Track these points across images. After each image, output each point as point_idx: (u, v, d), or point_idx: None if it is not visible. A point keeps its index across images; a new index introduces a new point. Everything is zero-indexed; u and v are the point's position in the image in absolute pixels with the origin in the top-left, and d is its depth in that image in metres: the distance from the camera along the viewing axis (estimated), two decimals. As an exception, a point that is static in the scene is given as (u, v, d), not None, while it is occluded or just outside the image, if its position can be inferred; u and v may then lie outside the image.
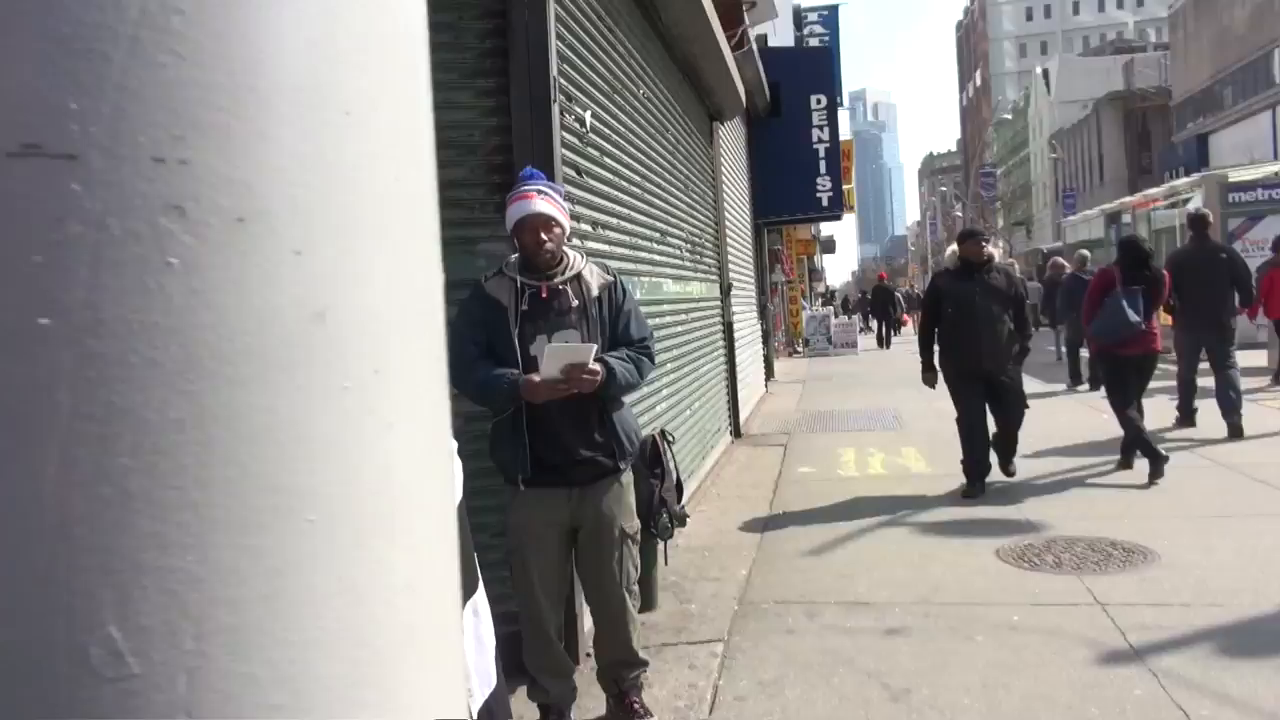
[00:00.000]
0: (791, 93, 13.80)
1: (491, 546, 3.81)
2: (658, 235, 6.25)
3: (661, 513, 4.29)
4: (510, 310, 3.17)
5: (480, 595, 1.52)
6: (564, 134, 4.24)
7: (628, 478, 3.39)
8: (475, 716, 1.42)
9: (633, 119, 5.73)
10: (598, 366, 3.11)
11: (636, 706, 3.47)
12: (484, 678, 1.46)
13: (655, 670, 3.96)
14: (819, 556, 5.47)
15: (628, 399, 3.52)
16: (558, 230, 3.19)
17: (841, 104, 18.14)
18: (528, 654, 3.39)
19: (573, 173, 4.40)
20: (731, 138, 10.98)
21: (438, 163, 2.79)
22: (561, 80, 4.25)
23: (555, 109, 4.02)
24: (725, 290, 9.34)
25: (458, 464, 1.53)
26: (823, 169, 14.04)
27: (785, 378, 15.90)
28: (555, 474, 3.21)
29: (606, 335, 3.24)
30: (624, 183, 5.40)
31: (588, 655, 4.10)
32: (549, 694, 3.39)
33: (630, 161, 5.59)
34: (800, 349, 22.44)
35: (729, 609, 4.64)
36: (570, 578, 3.51)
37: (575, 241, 3.50)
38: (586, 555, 3.37)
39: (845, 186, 18.19)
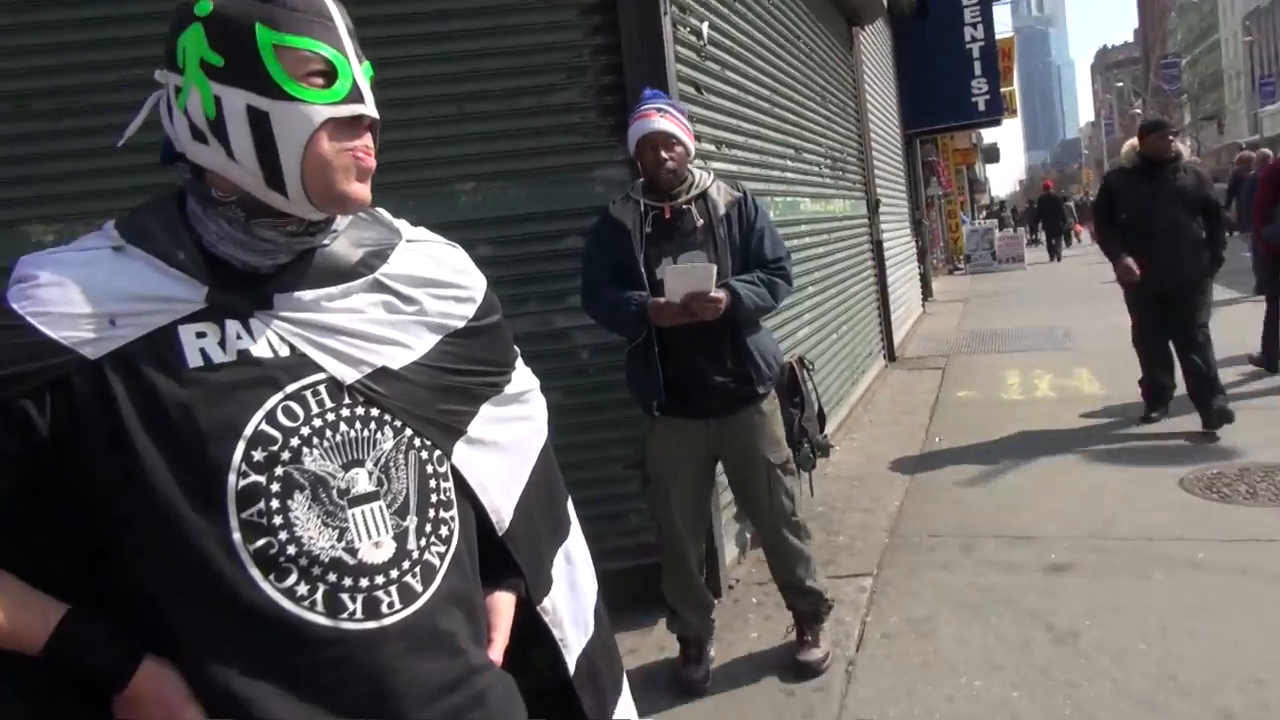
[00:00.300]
0: (939, -11, 12.82)
1: (626, 478, 3.72)
2: (792, 152, 5.90)
3: (803, 443, 4.10)
4: (634, 233, 3.08)
5: (574, 540, 1.39)
6: (679, 48, 3.98)
7: (770, 405, 3.22)
8: (574, 666, 1.30)
9: (757, 28, 5.37)
10: (721, 294, 2.94)
11: (806, 638, 3.34)
12: (580, 626, 1.35)
13: (783, 606, 3.79)
14: (978, 487, 5.12)
15: (768, 322, 3.34)
16: (679, 149, 3.07)
17: (999, -2, 16.77)
18: (667, 584, 3.32)
19: (691, 89, 4.14)
20: (874, 43, 10.30)
21: (545, 87, 2.61)
22: (675, -10, 3.98)
23: (667, 22, 3.76)
24: (873, 207, 8.84)
25: (541, 403, 1.37)
26: (978, 70, 13.05)
27: (944, 296, 15.14)
28: (690, 402, 3.11)
29: (737, 255, 3.09)
30: (750, 97, 5.08)
31: (730, 587, 3.98)
32: (688, 626, 3.30)
33: (756, 74, 5.25)
34: (961, 265, 21.33)
35: (879, 542, 4.41)
36: (709, 510, 3.41)
37: (699, 162, 3.33)
38: (735, 488, 3.30)
39: (1005, 89, 16.93)
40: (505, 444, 1.27)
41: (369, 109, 1.09)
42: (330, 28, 1.07)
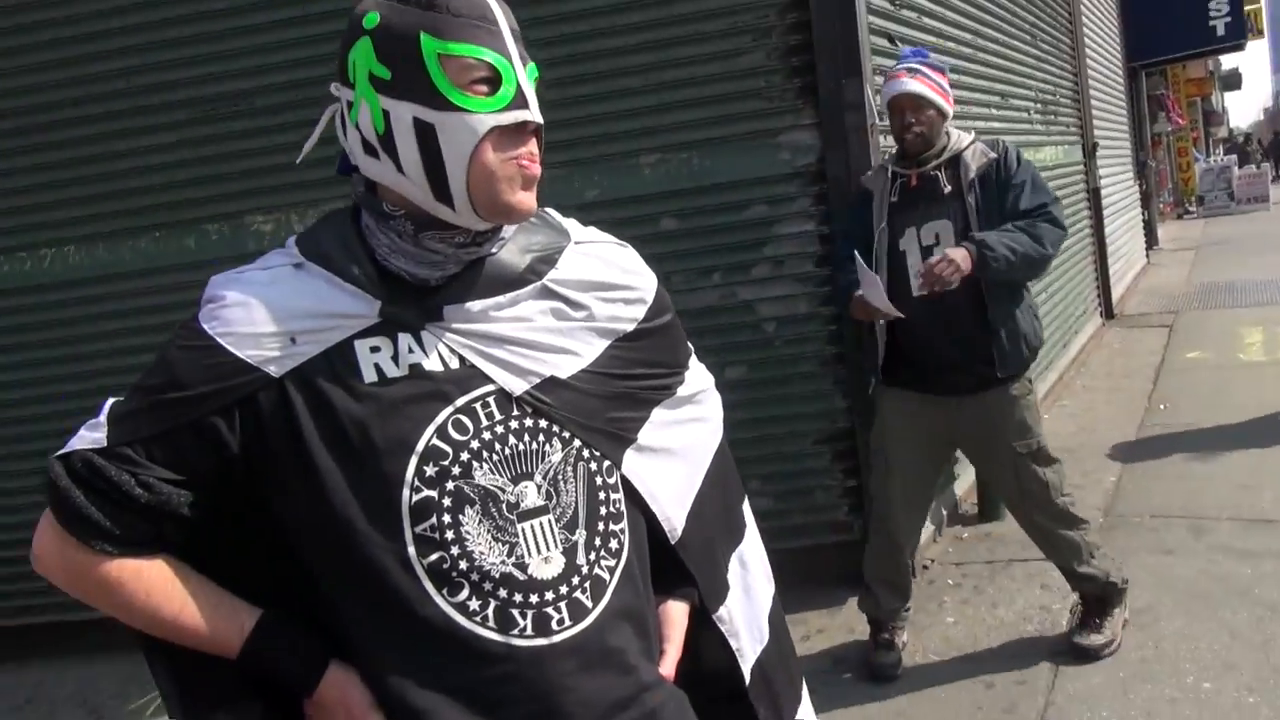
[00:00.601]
0: (1174, -97, 11.56)
1: (814, 454, 3.65)
2: (997, 99, 5.51)
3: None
4: (878, 202, 2.99)
5: (749, 543, 1.35)
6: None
7: (1021, 388, 3.00)
8: (749, 676, 1.28)
9: (960, -33, 5.01)
10: (959, 252, 2.74)
11: (1090, 620, 3.11)
12: (756, 634, 1.32)
13: (1002, 589, 3.62)
14: (1209, 461, 4.66)
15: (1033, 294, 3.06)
16: (930, 112, 2.93)
17: (1244, -95, 14.92)
18: (868, 558, 3.21)
19: (884, 42, 3.93)
20: (1094, -30, 9.44)
21: (728, 51, 2.53)
22: (866, -64, 3.76)
23: (859, -29, 3.56)
24: (1089, 151, 8.15)
25: (716, 401, 1.33)
26: (1218, -9, 11.73)
27: (1172, 245, 13.85)
28: (925, 378, 2.98)
29: (994, 219, 2.90)
30: (951, 44, 4.77)
31: (924, 568, 3.84)
32: (880, 607, 3.19)
33: (957, 18, 4.92)
34: (1193, 209, 19.43)
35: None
36: (933, 493, 3.27)
37: (957, 123, 3.07)
38: (979, 475, 3.18)
39: (1249, 6, 15.11)
40: (677, 449, 1.24)
41: (533, 114, 1.07)
42: (495, 32, 1.05)
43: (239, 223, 3.74)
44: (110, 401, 1.05)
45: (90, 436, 1.03)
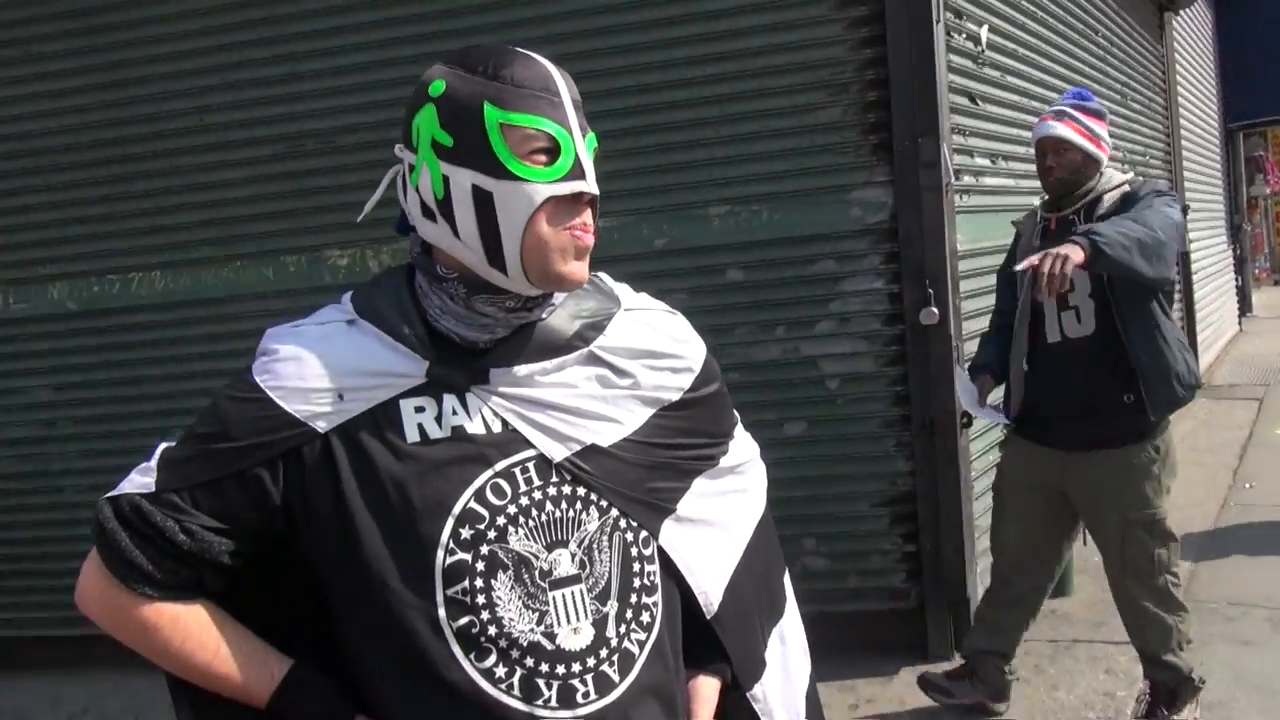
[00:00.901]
0: (1281, -38, 11.23)
1: (872, 516, 3.58)
2: (1082, 160, 5.38)
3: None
4: (1023, 246, 2.98)
5: (789, 619, 1.31)
6: (952, 57, 3.74)
7: (1145, 455, 2.83)
8: None
9: (1047, 26, 4.95)
10: (1068, 245, 2.52)
11: (1156, 713, 2.99)
12: (792, 713, 1.28)
13: (1065, 670, 3.48)
14: (1296, 547, 4.43)
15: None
16: (1071, 155, 2.86)
17: (1356, -34, 14.45)
18: (984, 600, 3.25)
19: (964, 101, 3.88)
20: (1191, 27, 9.23)
21: (804, 105, 2.52)
22: (950, -6, 3.73)
23: (939, 30, 3.54)
24: (1180, 212, 7.92)
25: (760, 472, 1.31)
26: (1322, 53, 11.32)
27: (1267, 313, 13.31)
28: (1045, 428, 2.92)
29: None
30: (1034, 103, 4.68)
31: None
32: (975, 644, 3.18)
33: (1043, 77, 4.84)
34: (1292, 274, 18.67)
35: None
36: (1056, 551, 3.10)
37: (1118, 166, 2.99)
38: (1090, 532, 3.03)
39: (1359, 70, 14.57)
40: (717, 520, 1.22)
41: (589, 186, 1.07)
42: (556, 103, 1.06)
43: (316, 256, 3.85)
44: (163, 446, 1.07)
45: (140, 480, 1.06)
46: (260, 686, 1.06)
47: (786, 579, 1.35)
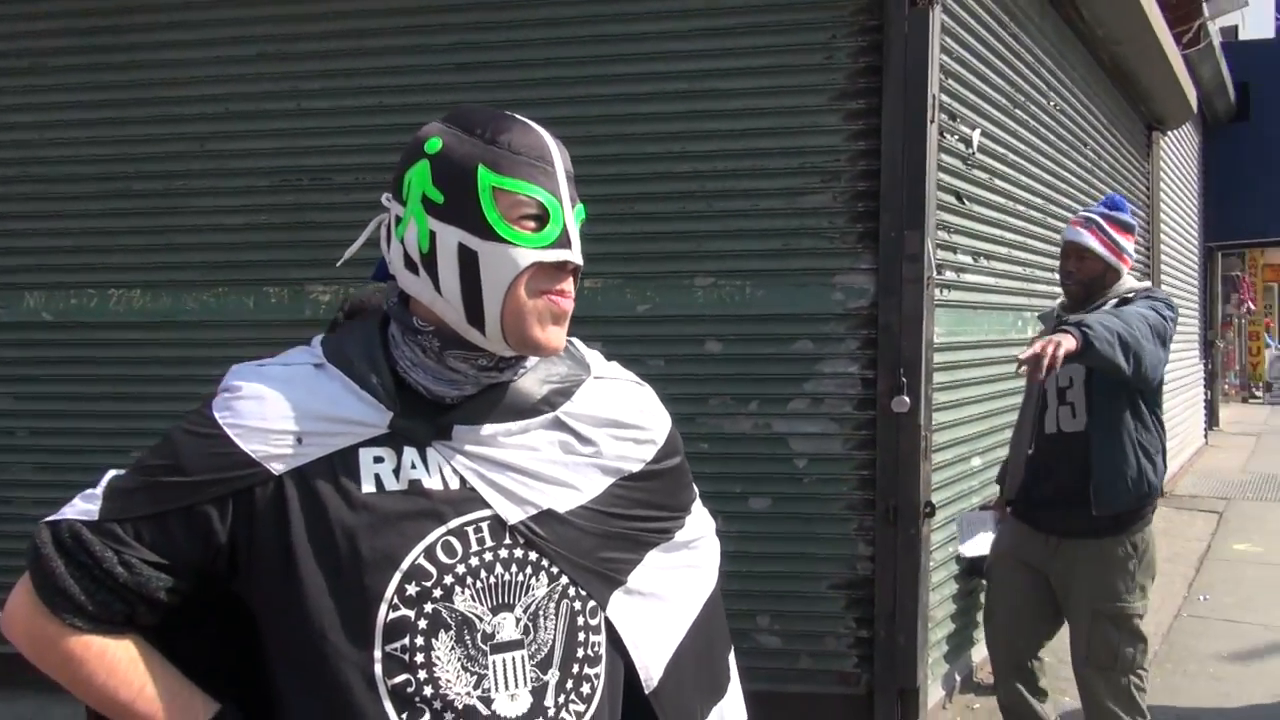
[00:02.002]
0: (1268, 92, 11.63)
1: (829, 598, 3.57)
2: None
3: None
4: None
5: (730, 699, 1.30)
6: (943, 157, 3.84)
7: (1122, 550, 2.93)
8: None
9: (1038, 135, 5.09)
10: (1061, 335, 2.61)
11: None
12: None
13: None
14: (1247, 665, 4.45)
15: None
16: (1092, 264, 3.00)
17: (1337, 103, 14.98)
18: (996, 686, 3.36)
19: (951, 199, 3.98)
20: (1177, 149, 9.51)
21: (795, 188, 2.57)
22: (945, 97, 3.85)
23: (933, 130, 3.64)
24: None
25: (713, 549, 1.31)
26: (1301, 181, 11.67)
27: (1233, 428, 13.51)
28: (1034, 511, 3.07)
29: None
30: (1020, 206, 4.81)
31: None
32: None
33: (1030, 183, 4.97)
34: (1260, 394, 19.00)
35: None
36: (1041, 630, 3.16)
37: (1136, 275, 3.10)
38: (1065, 617, 3.10)
39: (1335, 202, 15.00)
40: (666, 595, 1.21)
41: (574, 256, 1.09)
42: (550, 173, 1.08)
43: (299, 290, 3.86)
44: (111, 474, 1.06)
45: (83, 507, 1.04)
46: None
47: (731, 658, 1.34)
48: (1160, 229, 8.37)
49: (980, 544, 3.47)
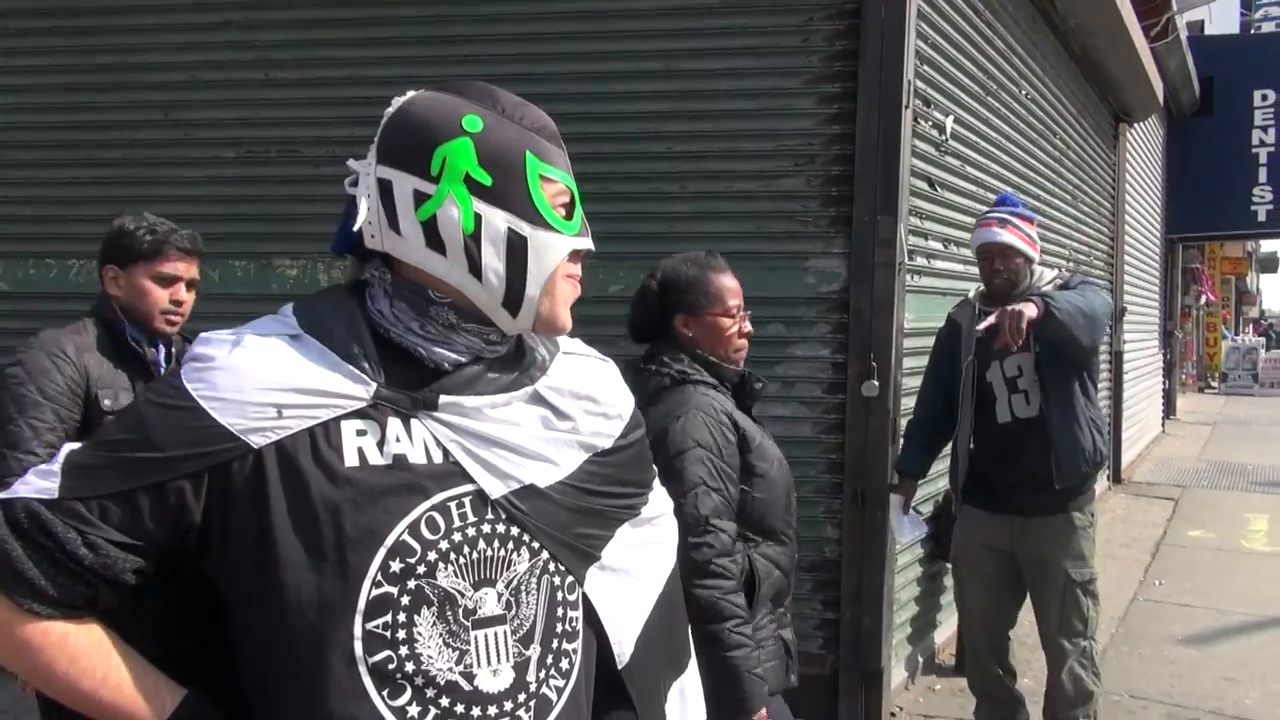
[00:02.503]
0: (1230, 87, 11.84)
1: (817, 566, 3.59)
2: (1029, 253, 5.56)
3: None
4: (965, 336, 3.21)
5: (690, 675, 1.30)
6: (917, 143, 3.85)
7: (1082, 519, 3.16)
8: None
9: (1009, 123, 5.12)
10: (1026, 303, 2.87)
11: None
12: None
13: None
14: (1198, 648, 4.56)
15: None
16: (1014, 260, 3.15)
17: (1298, 100, 15.25)
18: (968, 671, 3.46)
19: (923, 185, 3.99)
20: (1143, 141, 9.63)
21: (770, 171, 2.56)
22: (920, 83, 3.86)
23: (907, 115, 3.64)
24: (1117, 315, 8.20)
25: (673, 526, 1.33)
26: (1262, 177, 11.91)
27: (1190, 417, 13.79)
28: (992, 496, 3.18)
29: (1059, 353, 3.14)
30: (990, 194, 4.81)
31: (892, 715, 3.73)
32: (988, 715, 3.34)
33: (1000, 170, 5.01)
34: (1215, 384, 19.40)
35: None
36: (1012, 611, 3.34)
37: (1044, 264, 3.25)
38: (1032, 594, 3.24)
39: (1293, 197, 15.29)
40: (635, 571, 1.22)
41: (591, 242, 1.13)
42: (566, 159, 1.11)
43: (266, 264, 3.80)
44: (67, 448, 1.00)
45: (40, 485, 0.97)
46: (149, 717, 1.00)
47: (689, 634, 1.35)
48: (1125, 220, 8.49)
49: (912, 527, 3.56)
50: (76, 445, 1.01)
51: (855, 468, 3.57)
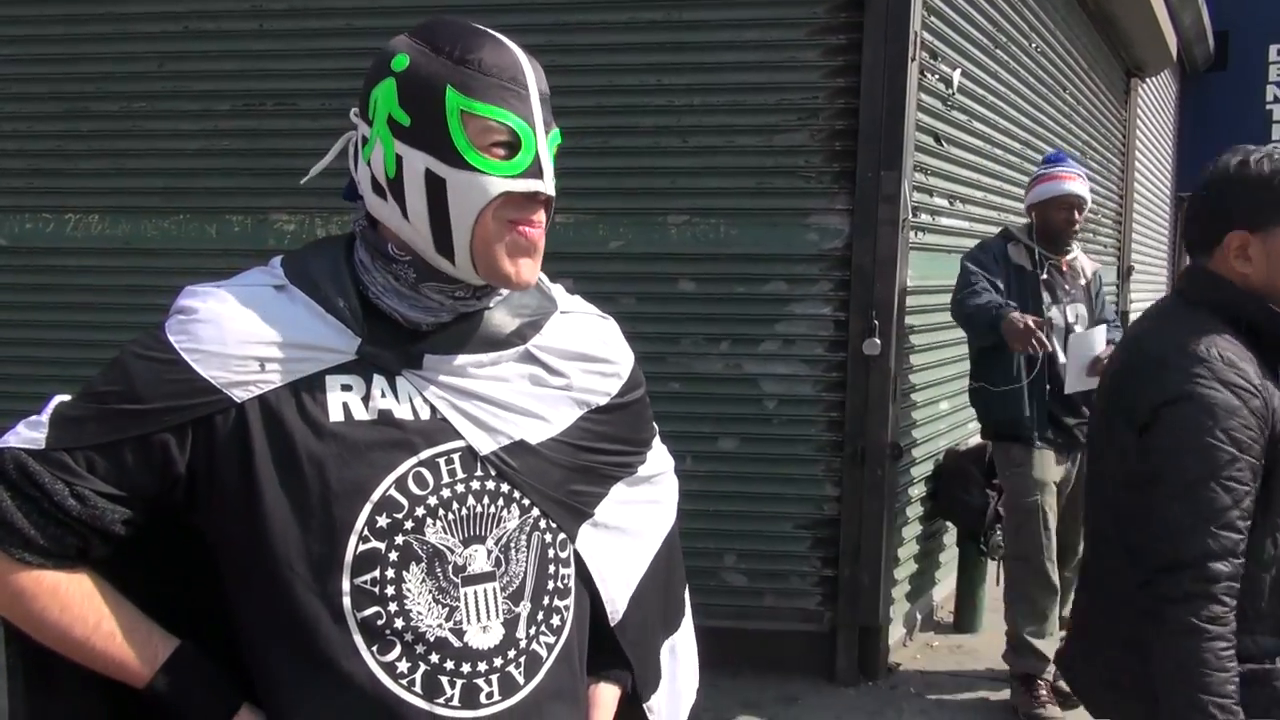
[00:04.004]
0: (1245, 41, 11.63)
1: (794, 537, 3.60)
2: (1036, 211, 5.49)
3: (995, 529, 3.85)
4: (1030, 280, 3.43)
5: (683, 634, 1.31)
6: (922, 96, 3.78)
7: None
8: None
9: (1018, 77, 5.03)
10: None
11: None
12: None
13: (965, 705, 3.54)
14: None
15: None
16: (1085, 213, 3.50)
17: (1314, 55, 15.01)
18: (1024, 617, 3.40)
19: (929, 140, 3.93)
20: (1154, 96, 9.48)
21: (772, 125, 2.52)
22: (927, 35, 3.78)
23: (913, 69, 3.58)
24: (1124, 274, 8.13)
25: (672, 485, 1.32)
26: (1276, 134, 11.73)
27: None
28: (1067, 435, 3.40)
29: (1095, 316, 3.56)
30: (997, 150, 4.77)
31: (890, 671, 3.75)
32: (1045, 658, 3.31)
33: (1008, 125, 4.92)
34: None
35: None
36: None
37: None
38: (1072, 519, 3.41)
39: (1306, 155, 15.10)
40: (631, 529, 1.21)
41: (546, 186, 1.05)
42: (523, 96, 1.03)
43: (263, 218, 3.77)
44: (56, 400, 1.00)
45: (28, 435, 0.98)
46: (140, 665, 1.00)
47: (686, 594, 1.35)
48: (1135, 176, 8.38)
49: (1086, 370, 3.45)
50: (65, 397, 1.01)
51: (856, 426, 3.56)
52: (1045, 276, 3.43)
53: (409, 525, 1.01)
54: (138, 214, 3.87)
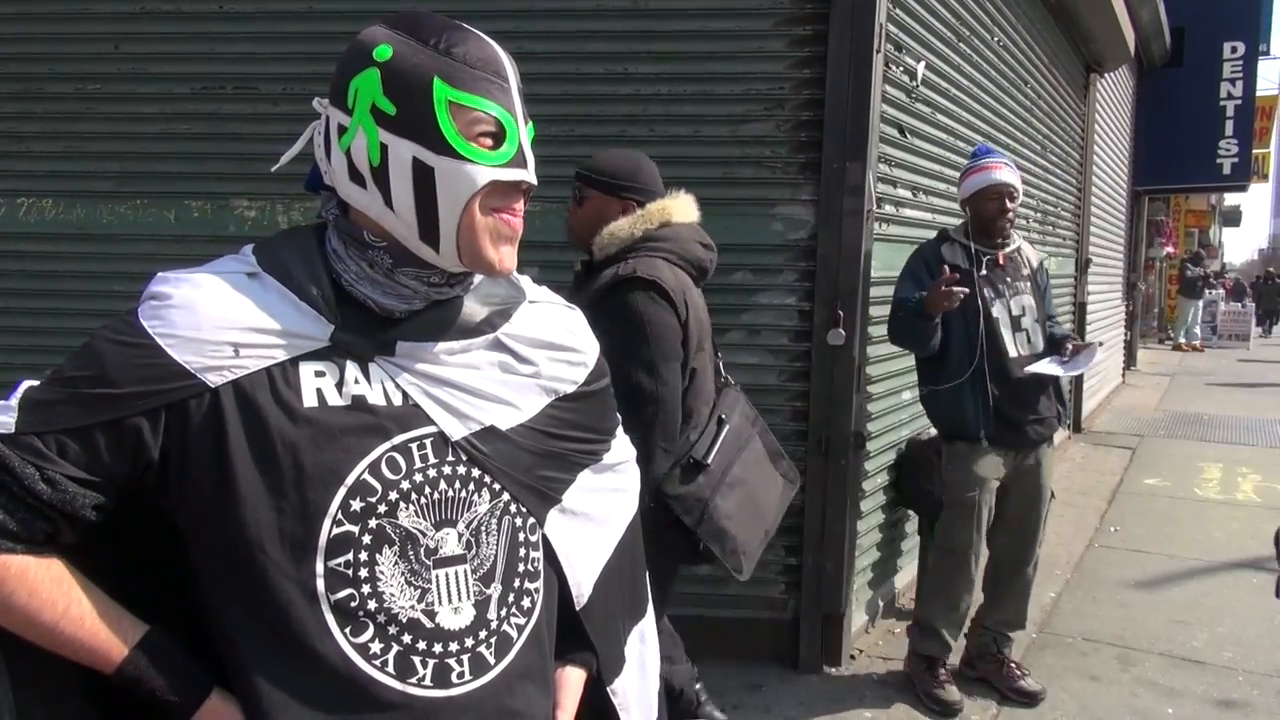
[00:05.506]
0: (1200, 39, 11.80)
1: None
2: (997, 203, 5.55)
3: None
4: (973, 274, 3.37)
5: (649, 619, 1.34)
6: (888, 88, 3.81)
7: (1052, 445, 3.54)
8: None
9: (980, 70, 5.08)
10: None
11: (1022, 669, 3.59)
12: (647, 710, 1.31)
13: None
14: (1149, 592, 4.68)
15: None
16: (1016, 203, 3.44)
17: (1267, 52, 15.32)
18: (937, 607, 3.50)
19: (893, 132, 3.96)
20: (1113, 91, 9.62)
21: (737, 115, 2.54)
22: (892, 27, 3.81)
23: (879, 60, 3.60)
24: (1082, 266, 8.26)
25: (635, 474, 1.36)
26: (1229, 130, 11.94)
27: (1150, 368, 14.02)
28: (1016, 434, 3.40)
29: (1043, 306, 3.53)
30: (959, 142, 4.82)
31: (851, 658, 3.80)
32: (947, 648, 3.51)
33: (970, 119, 4.98)
34: (1177, 336, 19.68)
35: (1024, 636, 4.09)
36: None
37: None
38: (1016, 515, 3.49)
39: (1259, 150, 15.45)
40: (596, 515, 1.25)
41: (530, 175, 1.08)
42: (505, 88, 1.06)
43: (223, 204, 3.71)
44: (25, 384, 0.99)
45: None
46: (110, 650, 1.00)
47: (648, 582, 1.38)
48: (1093, 170, 8.51)
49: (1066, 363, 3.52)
50: (35, 382, 1.01)
51: (820, 415, 3.59)
52: (984, 273, 3.39)
53: (382, 509, 1.03)
54: (93, 199, 3.79)
